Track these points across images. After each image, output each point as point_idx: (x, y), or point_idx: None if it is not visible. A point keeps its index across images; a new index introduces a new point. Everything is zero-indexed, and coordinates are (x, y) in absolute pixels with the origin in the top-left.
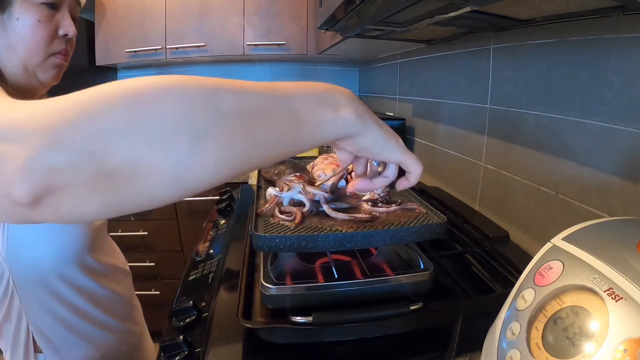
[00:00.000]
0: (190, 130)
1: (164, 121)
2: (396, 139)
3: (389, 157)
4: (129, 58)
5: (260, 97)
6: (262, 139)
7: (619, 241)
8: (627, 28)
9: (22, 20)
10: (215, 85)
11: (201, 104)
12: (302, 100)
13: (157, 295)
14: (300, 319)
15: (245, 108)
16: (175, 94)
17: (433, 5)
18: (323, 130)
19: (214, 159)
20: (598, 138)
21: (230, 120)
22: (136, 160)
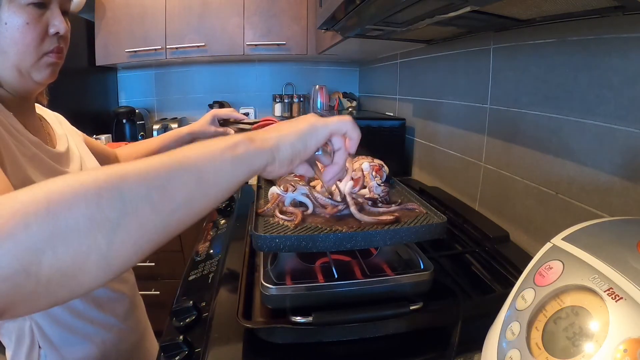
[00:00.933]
0: (103, 225)
1: (78, 224)
2: (310, 125)
3: (317, 145)
4: (129, 58)
5: (158, 171)
6: (171, 207)
7: (619, 241)
8: (627, 28)
9: (10, 24)
10: (117, 176)
11: (107, 199)
12: (196, 155)
13: (157, 295)
14: (300, 319)
15: (148, 187)
16: (82, 196)
17: (433, 5)
18: (228, 174)
19: (133, 242)
20: (598, 138)
21: (136, 204)
22: (64, 267)
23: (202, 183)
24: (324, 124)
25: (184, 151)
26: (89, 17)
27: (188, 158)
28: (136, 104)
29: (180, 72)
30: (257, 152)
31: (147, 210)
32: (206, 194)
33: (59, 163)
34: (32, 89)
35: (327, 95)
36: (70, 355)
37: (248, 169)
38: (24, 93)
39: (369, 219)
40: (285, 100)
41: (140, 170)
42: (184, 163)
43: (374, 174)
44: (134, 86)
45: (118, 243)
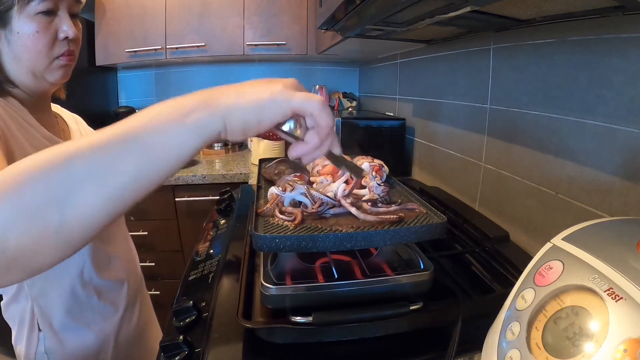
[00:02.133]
0: (54, 202)
1: (34, 203)
2: (270, 96)
3: (272, 121)
4: (129, 58)
5: (103, 147)
6: (118, 182)
7: (619, 241)
8: (627, 28)
9: (22, 32)
10: (64, 154)
11: (55, 177)
12: (143, 127)
13: (157, 295)
14: (300, 319)
15: (94, 163)
16: (35, 176)
17: (433, 5)
18: (178, 144)
19: (83, 217)
20: (598, 138)
21: (84, 179)
22: (26, 244)
23: (151, 155)
24: (287, 98)
25: (131, 121)
26: (89, 17)
27: (135, 129)
28: (136, 104)
29: (180, 72)
30: (210, 120)
31: (93, 186)
32: (157, 166)
33: None
34: (47, 89)
35: (327, 95)
36: (68, 340)
37: (201, 139)
38: (39, 93)
39: (372, 218)
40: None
41: (85, 147)
42: (131, 135)
43: (374, 174)
44: (134, 86)
45: (70, 219)
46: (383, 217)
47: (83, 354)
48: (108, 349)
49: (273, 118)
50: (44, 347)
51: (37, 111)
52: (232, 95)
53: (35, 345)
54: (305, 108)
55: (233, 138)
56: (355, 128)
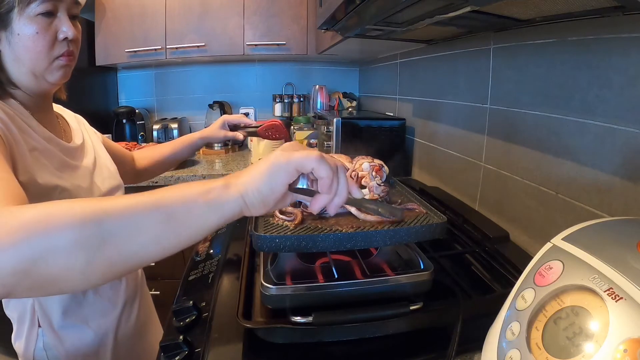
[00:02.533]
0: (85, 248)
1: (66, 244)
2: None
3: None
4: (129, 58)
5: (135, 209)
6: (143, 241)
7: (619, 241)
8: (627, 28)
9: (22, 34)
10: (102, 210)
11: (91, 228)
12: (170, 198)
13: (157, 295)
14: (300, 319)
15: (125, 223)
16: (71, 222)
17: (433, 5)
18: (199, 217)
19: (107, 264)
20: (598, 138)
21: (114, 235)
22: (53, 274)
23: (173, 223)
24: (287, 161)
25: (163, 191)
26: (89, 17)
27: (164, 199)
28: (136, 104)
29: (180, 72)
30: (228, 199)
31: (121, 241)
32: (177, 234)
33: (71, 156)
34: (47, 89)
35: (327, 95)
36: (66, 337)
37: (221, 215)
38: (40, 93)
39: (372, 218)
40: (285, 100)
41: (121, 206)
42: (159, 203)
43: (374, 174)
44: (134, 86)
45: (95, 263)
46: None
47: (82, 351)
48: (107, 345)
49: (282, 181)
50: (43, 343)
51: (38, 112)
52: (244, 176)
53: (34, 341)
54: (305, 165)
55: (256, 212)
56: (355, 128)
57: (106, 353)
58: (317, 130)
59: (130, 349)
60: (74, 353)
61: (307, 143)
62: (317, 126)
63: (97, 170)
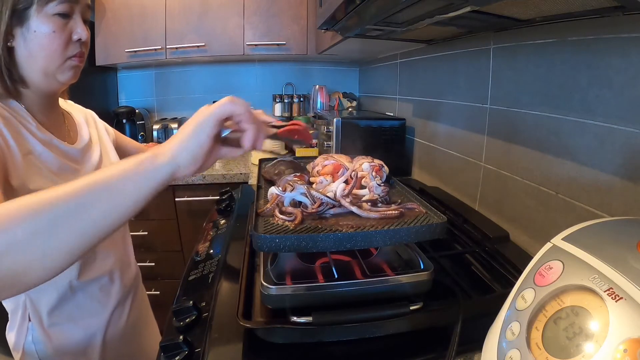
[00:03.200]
0: (40, 235)
1: (22, 236)
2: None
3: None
4: (129, 58)
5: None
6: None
7: (619, 241)
8: (627, 28)
9: (39, 31)
10: (49, 198)
11: (42, 215)
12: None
13: (157, 295)
14: (300, 319)
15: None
16: (24, 215)
17: (433, 5)
18: (135, 188)
19: (64, 247)
20: (598, 138)
21: (63, 218)
22: (14, 269)
23: (114, 197)
24: (208, 114)
25: (102, 171)
26: None
27: (103, 176)
28: (136, 104)
29: (180, 72)
30: (157, 166)
31: (72, 220)
32: (119, 205)
33: (72, 159)
34: (55, 88)
35: (327, 95)
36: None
37: (154, 182)
38: (48, 92)
39: (375, 215)
40: (285, 100)
41: (67, 190)
42: (98, 182)
43: (374, 174)
44: (134, 86)
45: (52, 248)
46: (386, 213)
47: (70, 348)
48: (96, 345)
49: (208, 133)
50: (32, 337)
51: (42, 112)
52: (171, 142)
53: (24, 334)
54: (224, 111)
55: (189, 170)
56: (355, 128)
57: (94, 352)
58: (317, 130)
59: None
60: (61, 350)
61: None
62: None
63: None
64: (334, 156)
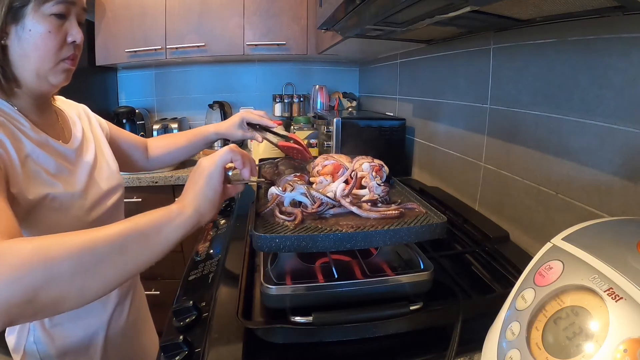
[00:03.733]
0: (82, 273)
1: (65, 272)
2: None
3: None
4: (129, 58)
5: (117, 236)
6: (127, 259)
7: (619, 241)
8: (627, 28)
9: (34, 31)
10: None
11: (85, 256)
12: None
13: (157, 295)
14: (300, 319)
15: (111, 247)
16: (68, 254)
17: (433, 5)
18: (167, 237)
19: (101, 283)
20: (598, 138)
21: (103, 259)
22: (53, 299)
23: (148, 242)
24: (214, 166)
25: (136, 219)
26: (89, 17)
27: (139, 225)
28: (136, 104)
29: (180, 72)
30: (185, 218)
31: (110, 263)
32: (152, 250)
33: (67, 160)
34: (47, 90)
35: (327, 95)
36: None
37: (183, 230)
38: (39, 94)
39: (375, 215)
40: (285, 100)
41: (105, 237)
42: (134, 230)
43: (374, 174)
44: (134, 86)
45: (91, 283)
46: (386, 213)
47: (72, 348)
48: (98, 343)
49: (219, 180)
50: (34, 337)
51: (35, 113)
52: (190, 194)
53: (25, 336)
54: (225, 160)
55: (210, 215)
56: (355, 128)
57: (96, 351)
58: (317, 130)
59: (122, 347)
60: (63, 350)
61: (307, 143)
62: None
63: (96, 170)
64: (334, 156)
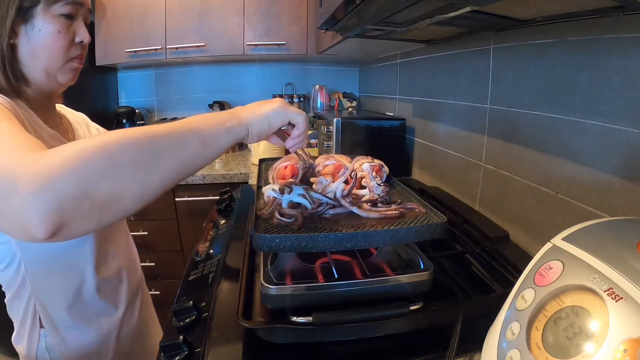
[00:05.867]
0: (142, 166)
1: (125, 164)
2: (275, 109)
3: (278, 126)
4: (129, 58)
5: (177, 133)
6: (184, 158)
7: (619, 241)
8: (627, 28)
9: (44, 30)
10: (151, 134)
11: (146, 148)
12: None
13: (157, 295)
14: (300, 319)
15: (173, 142)
16: (128, 145)
17: (433, 5)
18: (220, 140)
19: (160, 179)
20: (598, 138)
21: (166, 152)
22: (113, 193)
23: (204, 144)
24: (286, 110)
25: (191, 121)
26: None
27: (198, 126)
28: (136, 104)
29: (180, 72)
30: (239, 127)
31: (169, 158)
32: (205, 152)
33: None
34: (55, 89)
35: (327, 95)
36: (69, 337)
37: (233, 138)
38: (47, 93)
39: (375, 215)
40: (285, 100)
41: (166, 131)
42: (194, 129)
43: (374, 175)
44: (134, 86)
45: (151, 178)
46: (386, 213)
47: (84, 351)
48: (109, 345)
49: (277, 124)
50: (46, 343)
51: (42, 111)
52: (249, 111)
53: (36, 342)
54: (297, 117)
55: (252, 140)
56: (355, 128)
57: (108, 353)
58: (317, 130)
59: (132, 348)
60: (76, 353)
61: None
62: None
63: None
64: (335, 156)
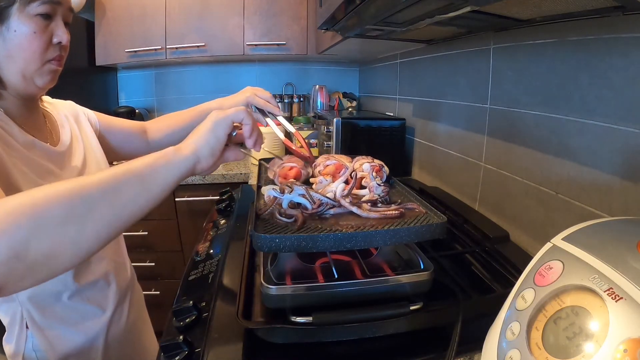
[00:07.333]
0: (74, 220)
1: (55, 220)
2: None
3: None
4: (129, 58)
5: (110, 179)
6: (122, 203)
7: (619, 241)
8: (627, 28)
9: (19, 31)
10: (80, 186)
11: (76, 200)
12: (139, 165)
13: (157, 295)
14: (300, 319)
15: (104, 191)
16: (57, 201)
17: (433, 5)
18: (163, 176)
19: (96, 231)
20: (598, 138)
21: (97, 204)
22: (45, 252)
23: (144, 184)
24: (224, 116)
25: (130, 163)
26: (89, 17)
27: (133, 166)
28: (136, 104)
29: (180, 72)
30: (180, 157)
31: (104, 207)
32: (148, 192)
33: (55, 162)
34: (33, 92)
35: (327, 95)
36: (55, 339)
37: (177, 170)
38: (26, 96)
39: (375, 215)
40: (285, 100)
41: (98, 180)
42: (129, 171)
43: (374, 175)
44: (134, 86)
45: (85, 232)
46: (386, 213)
47: (72, 353)
48: (98, 347)
49: (224, 131)
50: (32, 344)
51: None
52: (191, 139)
53: (23, 343)
54: (237, 116)
55: (208, 163)
56: (355, 128)
57: (97, 355)
58: (317, 130)
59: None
60: (63, 354)
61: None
62: (317, 126)
63: (85, 171)
64: (335, 156)
